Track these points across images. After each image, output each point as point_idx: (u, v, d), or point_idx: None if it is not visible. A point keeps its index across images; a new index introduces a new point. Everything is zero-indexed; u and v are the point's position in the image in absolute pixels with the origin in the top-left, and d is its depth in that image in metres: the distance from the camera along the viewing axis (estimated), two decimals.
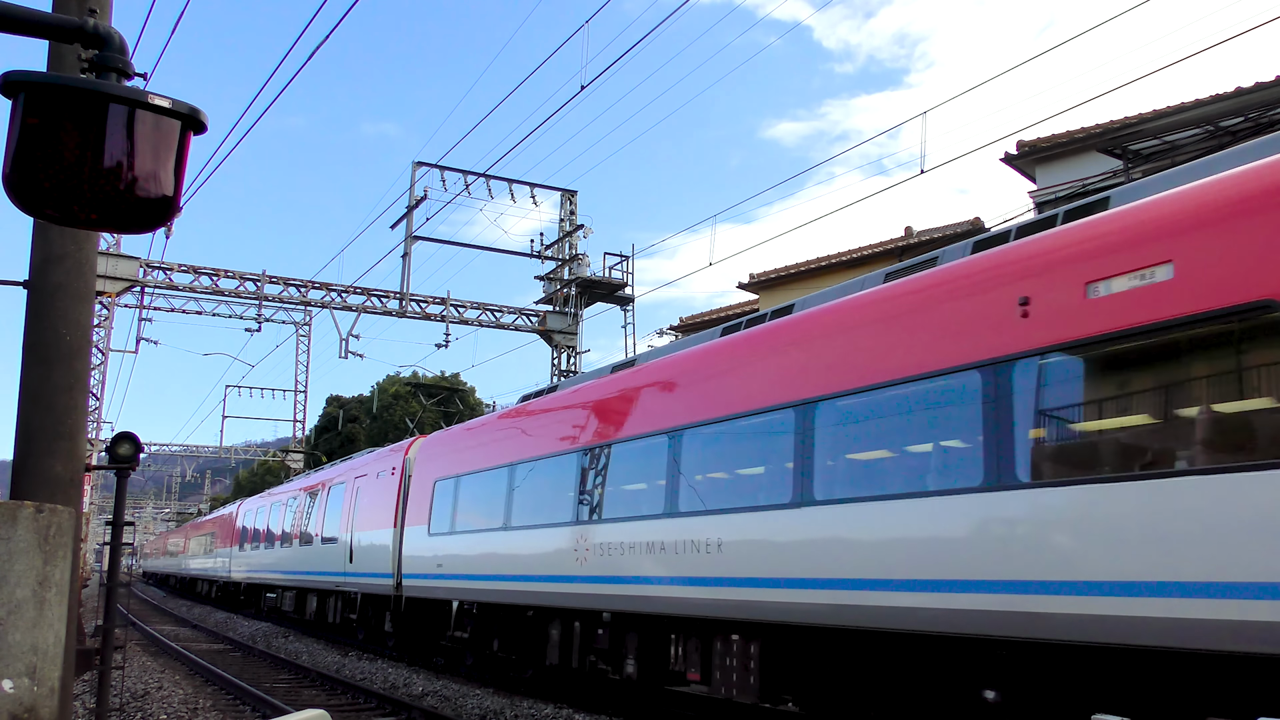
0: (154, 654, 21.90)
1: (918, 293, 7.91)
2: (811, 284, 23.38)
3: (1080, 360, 6.56)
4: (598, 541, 11.44)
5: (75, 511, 4.65)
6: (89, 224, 2.86)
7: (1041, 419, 6.68)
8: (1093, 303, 6.36)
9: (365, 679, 16.52)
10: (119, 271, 25.61)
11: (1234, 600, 5.28)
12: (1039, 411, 6.67)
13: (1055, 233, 7.06)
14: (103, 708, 9.82)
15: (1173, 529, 5.64)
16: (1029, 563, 6.40)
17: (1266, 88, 13.92)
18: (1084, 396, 6.61)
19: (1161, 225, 6.13)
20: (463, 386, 57.33)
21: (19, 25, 3.11)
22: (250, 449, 66.88)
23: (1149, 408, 6.24)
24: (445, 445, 17.45)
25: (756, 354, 9.65)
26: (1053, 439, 6.73)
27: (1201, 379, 5.98)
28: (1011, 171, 18.79)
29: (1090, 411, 6.55)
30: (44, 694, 3.98)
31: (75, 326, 6.26)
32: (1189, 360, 5.99)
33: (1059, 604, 6.15)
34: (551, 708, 12.62)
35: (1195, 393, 5.95)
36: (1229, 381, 5.87)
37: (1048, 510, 6.44)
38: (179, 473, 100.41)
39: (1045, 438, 6.70)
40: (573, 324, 30.10)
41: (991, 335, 6.99)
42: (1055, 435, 6.72)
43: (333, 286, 28.26)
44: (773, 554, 8.71)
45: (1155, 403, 6.20)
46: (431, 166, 28.12)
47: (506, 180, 29.15)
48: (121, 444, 9.82)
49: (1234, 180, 5.97)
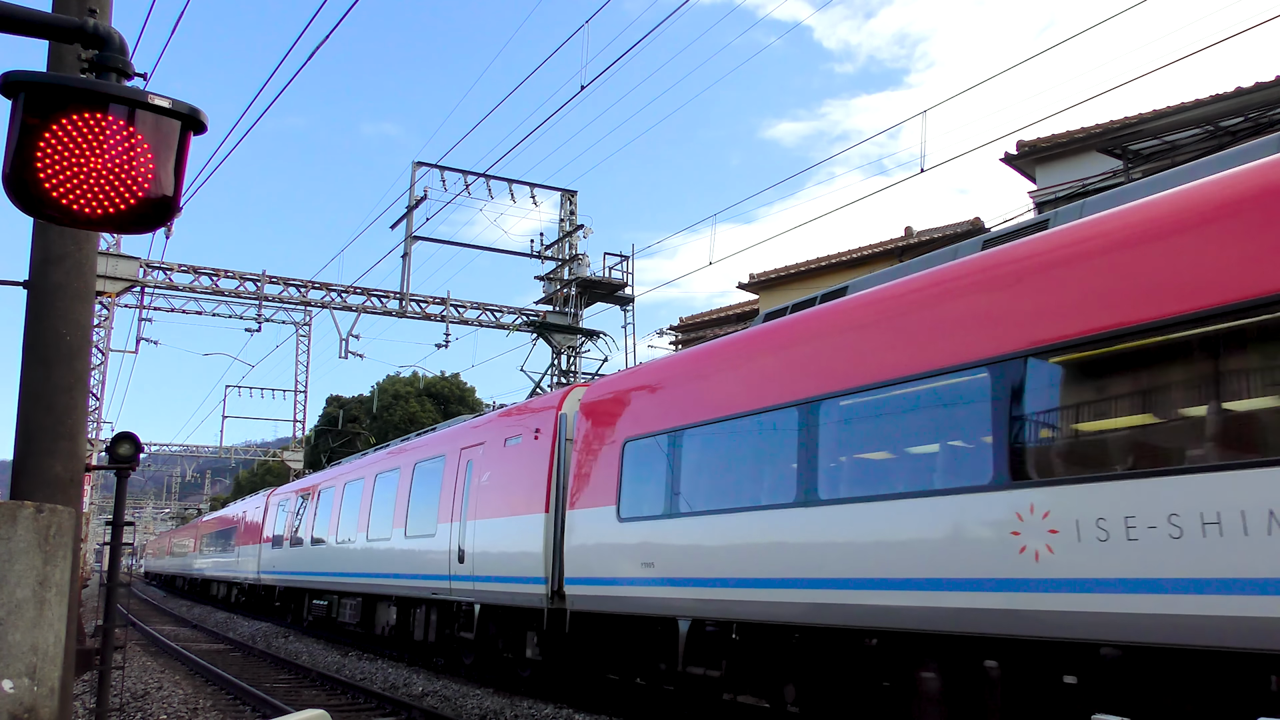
0: (154, 654, 21.91)
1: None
2: (811, 284, 23.41)
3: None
4: (1071, 516, 6.54)
5: (75, 511, 4.64)
6: (89, 224, 2.86)
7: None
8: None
9: (365, 679, 16.52)
10: (119, 271, 25.61)
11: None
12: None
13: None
14: (103, 708, 9.82)
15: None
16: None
17: (1266, 88, 13.92)
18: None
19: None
20: (464, 387, 57.38)
21: (19, 25, 3.12)
22: (250, 449, 66.89)
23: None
24: (646, 386, 12.18)
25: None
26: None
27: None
28: (1011, 171, 18.81)
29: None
30: (44, 694, 3.98)
31: (75, 326, 6.26)
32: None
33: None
34: (551, 708, 12.61)
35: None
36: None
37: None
38: (179, 473, 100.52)
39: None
40: (573, 324, 30.10)
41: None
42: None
43: (333, 286, 28.27)
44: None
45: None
46: (431, 166, 28.14)
47: (506, 180, 29.17)
48: (121, 444, 9.83)
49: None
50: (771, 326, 10.28)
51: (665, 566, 10.80)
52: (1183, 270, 6.17)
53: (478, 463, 15.75)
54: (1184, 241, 6.25)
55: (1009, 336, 7.22)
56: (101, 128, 2.77)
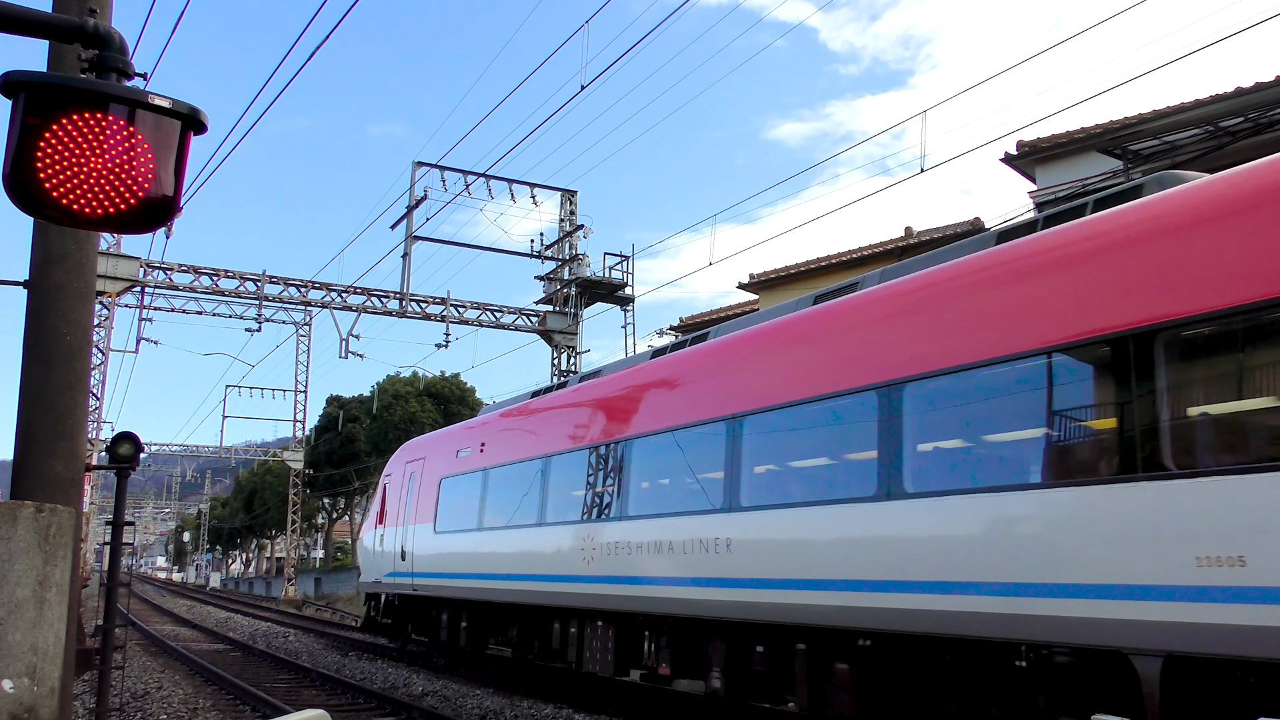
0: (154, 654, 21.91)
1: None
2: (811, 284, 23.39)
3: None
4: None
5: (75, 511, 4.65)
6: (89, 224, 2.86)
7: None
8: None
9: (365, 679, 16.51)
10: (119, 271, 25.60)
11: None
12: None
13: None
14: (103, 708, 9.82)
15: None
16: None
17: (1266, 88, 13.91)
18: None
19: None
20: (464, 387, 57.33)
21: (19, 25, 3.12)
22: (250, 449, 66.85)
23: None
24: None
25: None
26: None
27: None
28: (1011, 172, 18.80)
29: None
30: (44, 694, 3.98)
31: (75, 326, 6.26)
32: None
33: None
34: (551, 708, 12.61)
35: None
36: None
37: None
38: (179, 473, 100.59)
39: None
40: (573, 324, 30.09)
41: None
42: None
43: (333, 286, 28.26)
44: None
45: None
46: (432, 166, 28.13)
47: (507, 180, 29.16)
48: (121, 444, 9.82)
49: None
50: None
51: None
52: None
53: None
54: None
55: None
56: (101, 128, 2.77)
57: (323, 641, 24.41)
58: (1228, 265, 5.90)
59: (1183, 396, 6.14)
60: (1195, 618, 5.64)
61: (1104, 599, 6.12)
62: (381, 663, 19.03)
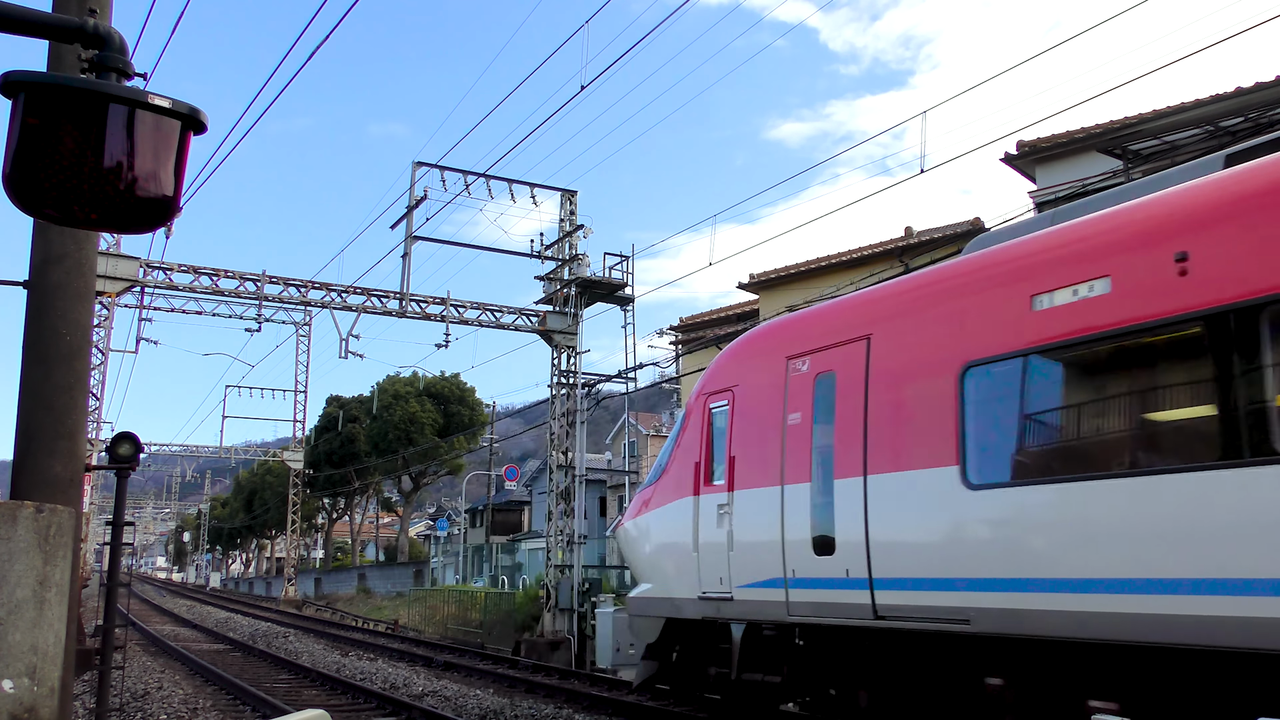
0: (154, 654, 21.91)
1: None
2: (811, 284, 23.44)
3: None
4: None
5: (75, 511, 4.64)
6: (89, 224, 2.86)
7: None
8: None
9: (365, 679, 16.51)
10: (119, 271, 25.58)
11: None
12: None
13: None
14: (103, 708, 9.82)
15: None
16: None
17: (1266, 88, 13.91)
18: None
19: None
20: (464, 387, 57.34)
21: (19, 25, 3.12)
22: (250, 449, 66.82)
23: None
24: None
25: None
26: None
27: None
28: (1012, 171, 18.80)
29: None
30: (44, 694, 3.98)
31: (75, 326, 6.26)
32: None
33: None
34: (551, 707, 12.61)
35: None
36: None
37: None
38: (179, 473, 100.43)
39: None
40: (573, 324, 30.07)
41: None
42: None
43: (333, 286, 28.24)
44: None
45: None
46: (431, 166, 28.11)
47: (507, 180, 29.11)
48: (121, 444, 9.83)
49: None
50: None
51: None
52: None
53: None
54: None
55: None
56: (101, 128, 2.76)
57: (323, 642, 24.42)
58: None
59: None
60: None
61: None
62: (381, 663, 19.03)
